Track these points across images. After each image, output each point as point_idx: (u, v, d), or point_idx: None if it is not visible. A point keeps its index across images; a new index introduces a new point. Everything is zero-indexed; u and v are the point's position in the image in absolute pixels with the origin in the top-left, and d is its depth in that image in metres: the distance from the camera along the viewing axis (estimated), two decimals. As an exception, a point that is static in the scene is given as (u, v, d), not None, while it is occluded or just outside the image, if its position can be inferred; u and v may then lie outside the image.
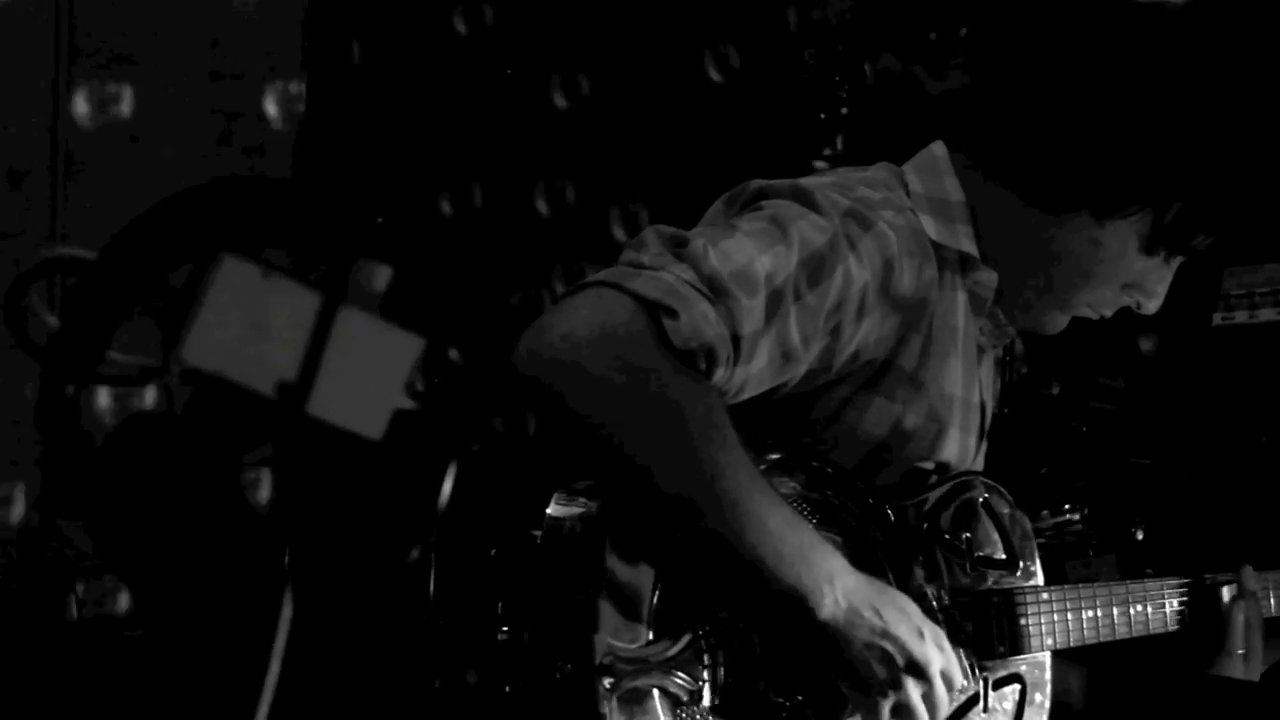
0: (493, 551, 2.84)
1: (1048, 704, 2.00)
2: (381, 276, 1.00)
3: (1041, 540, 4.11)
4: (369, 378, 0.96)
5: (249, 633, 0.98)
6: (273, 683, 0.92)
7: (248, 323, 0.89)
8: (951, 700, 1.81)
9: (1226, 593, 2.21)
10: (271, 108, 4.81)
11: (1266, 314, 3.00)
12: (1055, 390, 4.39)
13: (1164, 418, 3.97)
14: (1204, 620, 2.19)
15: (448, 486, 1.10)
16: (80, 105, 4.48)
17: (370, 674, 3.71)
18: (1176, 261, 1.98)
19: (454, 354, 1.12)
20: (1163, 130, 1.88)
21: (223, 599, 1.05)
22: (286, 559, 0.99)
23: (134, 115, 4.56)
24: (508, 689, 1.76)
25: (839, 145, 4.74)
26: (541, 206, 4.82)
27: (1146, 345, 3.71)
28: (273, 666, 0.91)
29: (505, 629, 1.79)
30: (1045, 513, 4.01)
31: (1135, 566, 3.52)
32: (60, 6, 4.42)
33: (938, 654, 1.77)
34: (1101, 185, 1.89)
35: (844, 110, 5.49)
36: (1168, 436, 3.99)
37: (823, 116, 5.27)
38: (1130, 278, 1.97)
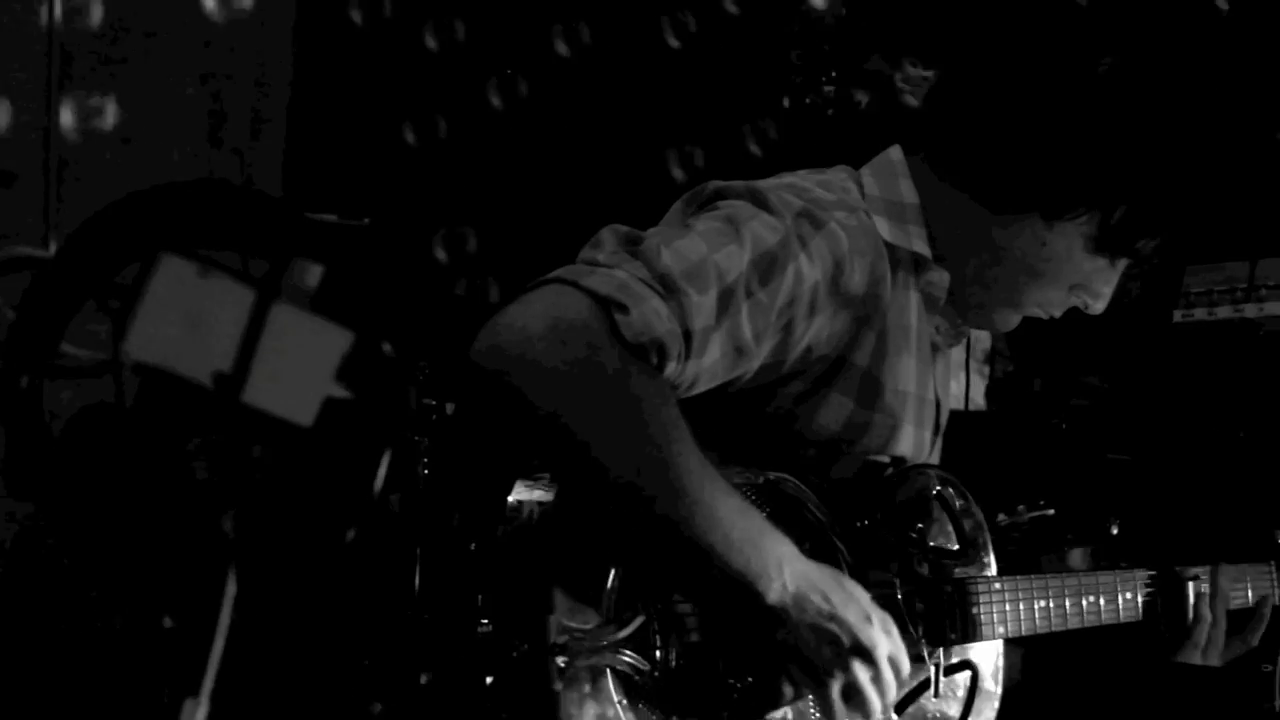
0: (472, 545, 2.90)
1: (999, 690, 2.05)
2: (314, 274, 1.05)
3: (1017, 534, 4.19)
4: (301, 369, 1.02)
5: (196, 611, 1.03)
6: (217, 657, 0.98)
7: (186, 317, 0.95)
8: (900, 685, 1.86)
9: (1193, 586, 2.26)
10: (262, 109, 4.86)
11: (1224, 311, 3.06)
12: (1037, 387, 4.45)
13: (1140, 414, 4.03)
14: (1169, 612, 2.25)
15: (382, 471, 1.16)
16: (72, 107, 4.53)
17: (356, 669, 3.76)
18: (1122, 263, 2.03)
19: (388, 347, 1.18)
20: (1109, 136, 1.94)
21: (171, 577, 1.11)
22: (229, 534, 1.04)
23: (125, 117, 4.61)
24: (475, 674, 1.81)
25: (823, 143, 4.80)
26: (532, 210, 4.87)
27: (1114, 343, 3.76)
28: (217, 642, 0.97)
29: (480, 619, 1.84)
30: (1021, 507, 4.07)
31: (1110, 560, 3.58)
32: (51, 9, 4.46)
33: (884, 638, 1.82)
34: (1050, 188, 1.95)
35: (830, 111, 5.55)
36: (1144, 433, 4.05)
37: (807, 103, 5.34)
38: (1078, 278, 2.02)
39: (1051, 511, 4.01)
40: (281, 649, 3.83)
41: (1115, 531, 3.97)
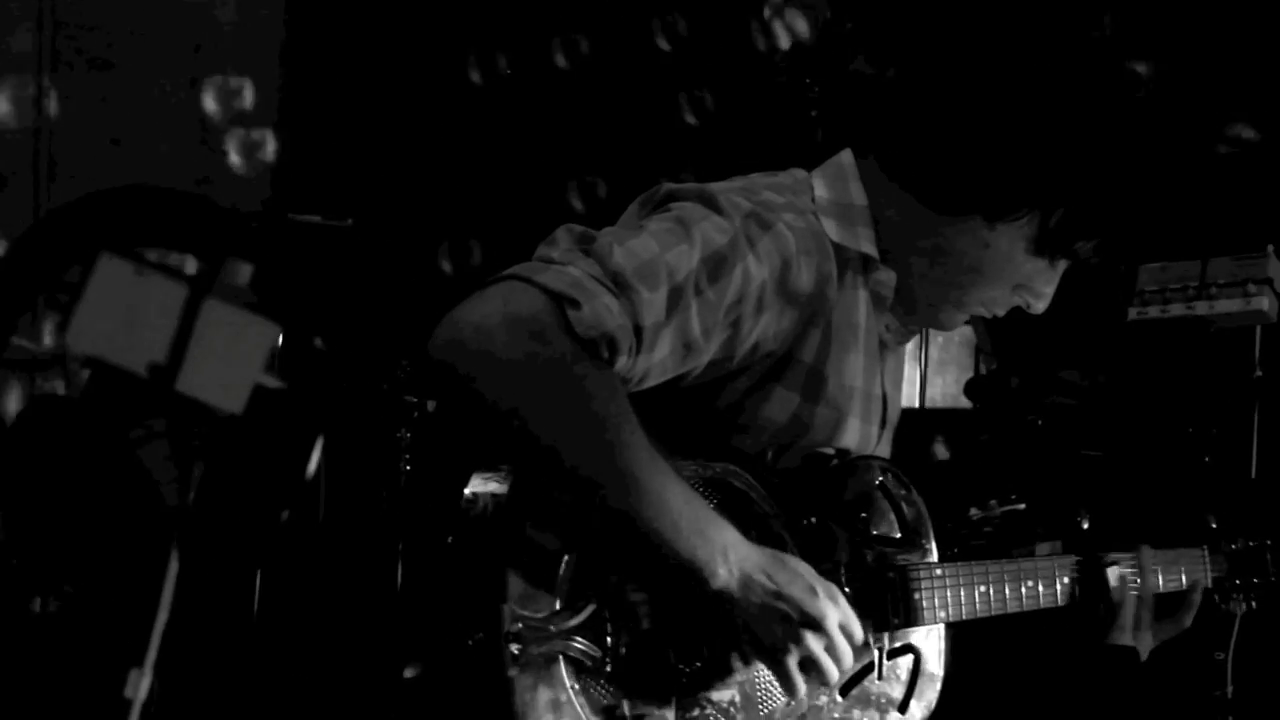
0: (449, 539, 2.97)
1: (940, 673, 2.13)
2: (244, 273, 1.13)
3: (989, 529, 4.28)
4: (231, 360, 1.09)
5: (143, 587, 1.10)
6: (160, 631, 1.05)
7: (123, 312, 1.02)
8: (855, 650, 1.93)
9: (1117, 571, 2.34)
10: (250, 112, 4.93)
11: (1176, 309, 3.13)
12: (1014, 384, 4.52)
13: (1111, 410, 4.11)
14: (1097, 596, 2.33)
15: (316, 457, 1.23)
16: (63, 109, 4.60)
17: (339, 664, 3.83)
18: (1062, 264, 2.11)
19: (319, 341, 1.25)
20: (1047, 142, 2.01)
21: (118, 558, 1.18)
22: (173, 513, 1.11)
23: (115, 119, 4.68)
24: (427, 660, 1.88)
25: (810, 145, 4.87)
26: (523, 210, 4.94)
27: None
28: (160, 616, 1.04)
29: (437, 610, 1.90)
30: (993, 502, 4.15)
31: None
32: (43, 12, 4.54)
33: (833, 608, 1.90)
34: (992, 191, 2.02)
35: (814, 112, 5.62)
36: (1116, 429, 4.13)
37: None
38: (1019, 278, 2.10)
39: (1023, 506, 4.09)
40: (272, 645, 3.91)
41: (1086, 526, 4.05)
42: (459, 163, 4.92)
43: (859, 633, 1.95)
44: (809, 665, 1.90)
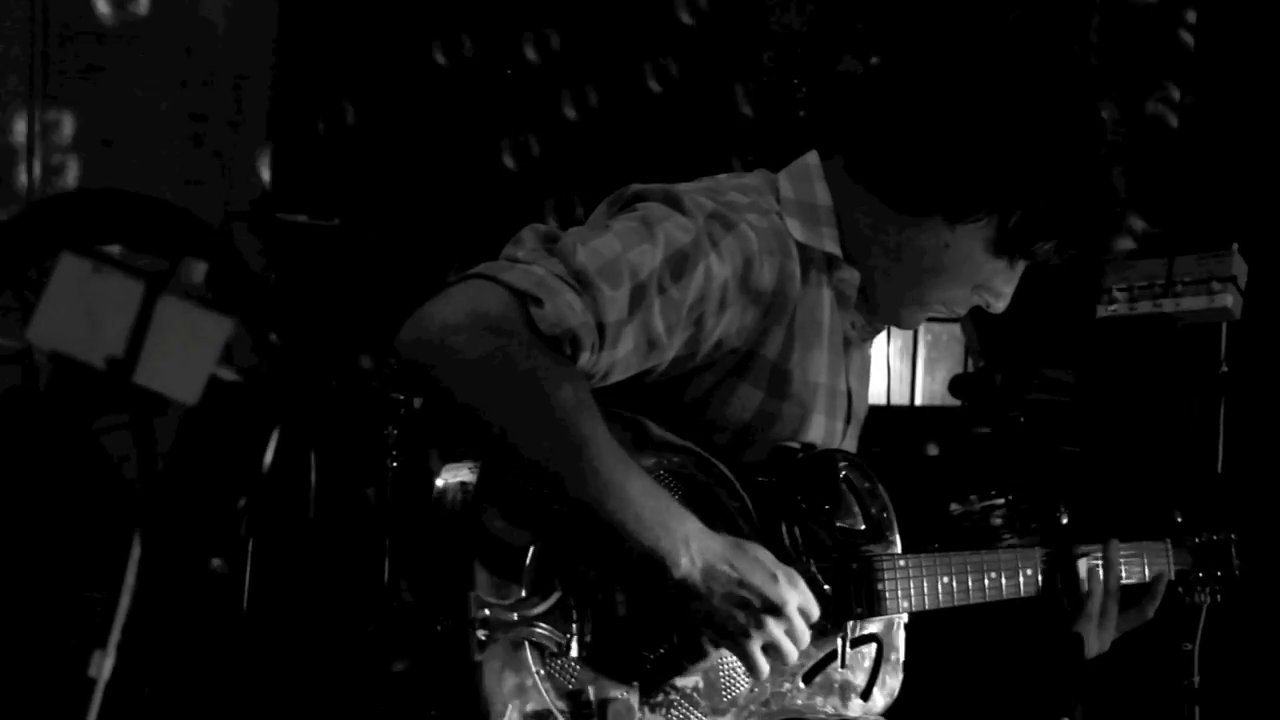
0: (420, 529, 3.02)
1: (902, 660, 2.18)
2: (199, 271, 1.17)
3: (968, 523, 4.33)
4: (185, 353, 1.14)
5: (107, 573, 1.15)
6: (122, 615, 1.09)
7: (82, 308, 1.06)
8: (813, 630, 1.98)
9: (1085, 563, 2.39)
10: (241, 113, 4.98)
11: (1144, 306, 3.18)
12: (998, 381, 4.57)
13: (1091, 408, 4.15)
14: (1064, 587, 2.38)
15: (271, 448, 1.28)
16: (55, 110, 4.64)
17: (326, 658, 3.88)
18: (1021, 265, 2.15)
19: (274, 336, 1.30)
20: (1006, 145, 2.05)
21: (83, 543, 1.22)
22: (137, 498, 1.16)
23: (107, 121, 4.73)
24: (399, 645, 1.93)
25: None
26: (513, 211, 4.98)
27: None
28: (123, 600, 1.08)
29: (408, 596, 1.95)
30: (973, 496, 4.20)
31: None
32: (35, 14, 4.58)
33: (793, 593, 1.95)
34: (952, 193, 2.07)
35: (802, 112, 5.67)
36: (1093, 426, 4.17)
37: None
38: (980, 278, 2.15)
39: (1002, 501, 4.14)
40: (260, 641, 3.96)
41: (1065, 521, 4.10)
42: (445, 164, 4.98)
43: (816, 611, 1.99)
44: (771, 649, 1.95)
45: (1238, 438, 3.18)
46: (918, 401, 6.50)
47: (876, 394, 6.42)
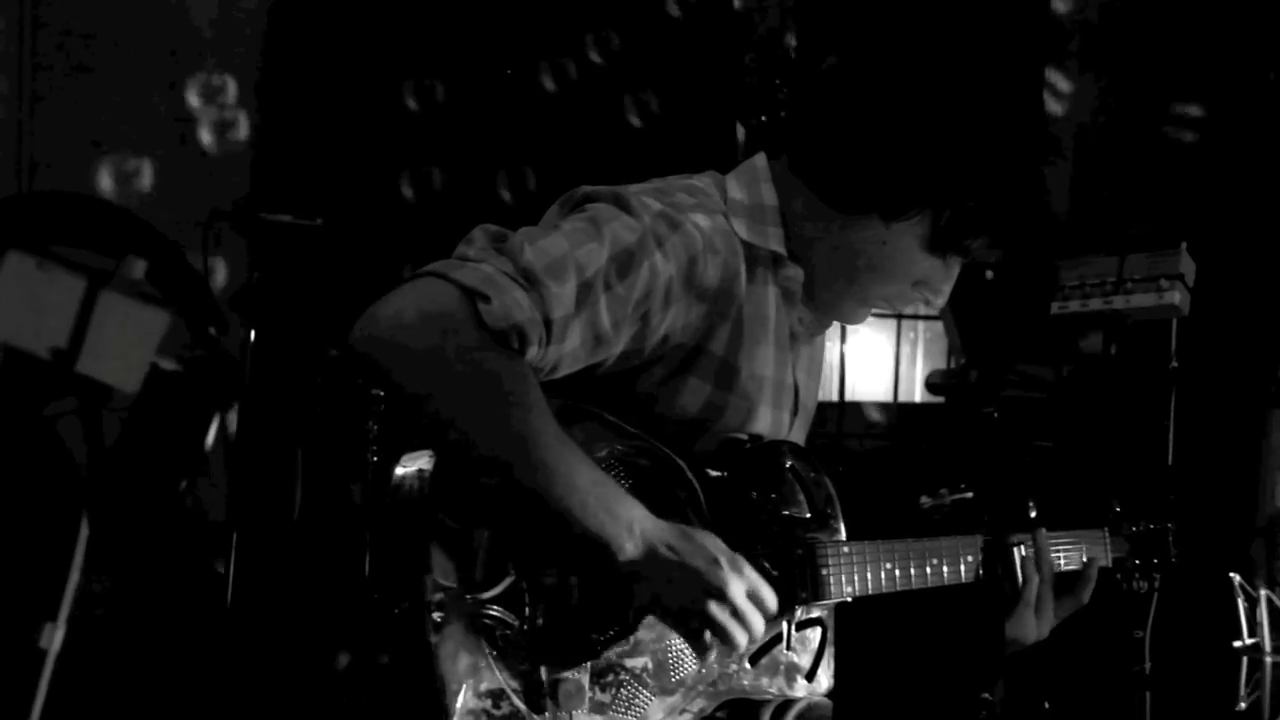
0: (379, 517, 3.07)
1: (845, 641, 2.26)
2: (139, 268, 1.25)
3: (938, 516, 4.40)
4: (124, 345, 1.21)
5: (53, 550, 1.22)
6: (72, 590, 1.17)
7: (27, 303, 1.14)
8: (766, 615, 2.05)
9: (1020, 551, 2.47)
10: (228, 115, 5.04)
11: (1095, 303, 3.26)
12: (973, 378, 4.65)
13: (1061, 404, 4.23)
14: (1001, 575, 2.45)
15: (213, 431, 1.36)
16: (43, 112, 4.71)
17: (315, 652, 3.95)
18: (958, 262, 2.23)
19: (213, 330, 1.38)
20: (936, 143, 2.13)
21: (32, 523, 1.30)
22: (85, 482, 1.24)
23: (95, 121, 4.80)
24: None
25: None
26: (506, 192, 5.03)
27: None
28: (72, 576, 1.16)
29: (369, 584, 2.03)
30: (943, 490, 4.28)
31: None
32: (24, 16, 4.65)
33: (737, 578, 2.01)
34: (886, 191, 2.15)
35: (783, 113, 5.72)
36: (1060, 421, 4.25)
37: (763, 119, 5.52)
38: (917, 275, 2.22)
39: (970, 494, 4.22)
40: (245, 636, 4.03)
41: (1034, 515, 4.19)
42: (429, 166, 5.05)
43: (770, 598, 2.06)
44: (717, 632, 2.02)
45: (1187, 430, 3.26)
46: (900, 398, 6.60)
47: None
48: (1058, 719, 3.41)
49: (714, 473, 2.17)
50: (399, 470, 2.00)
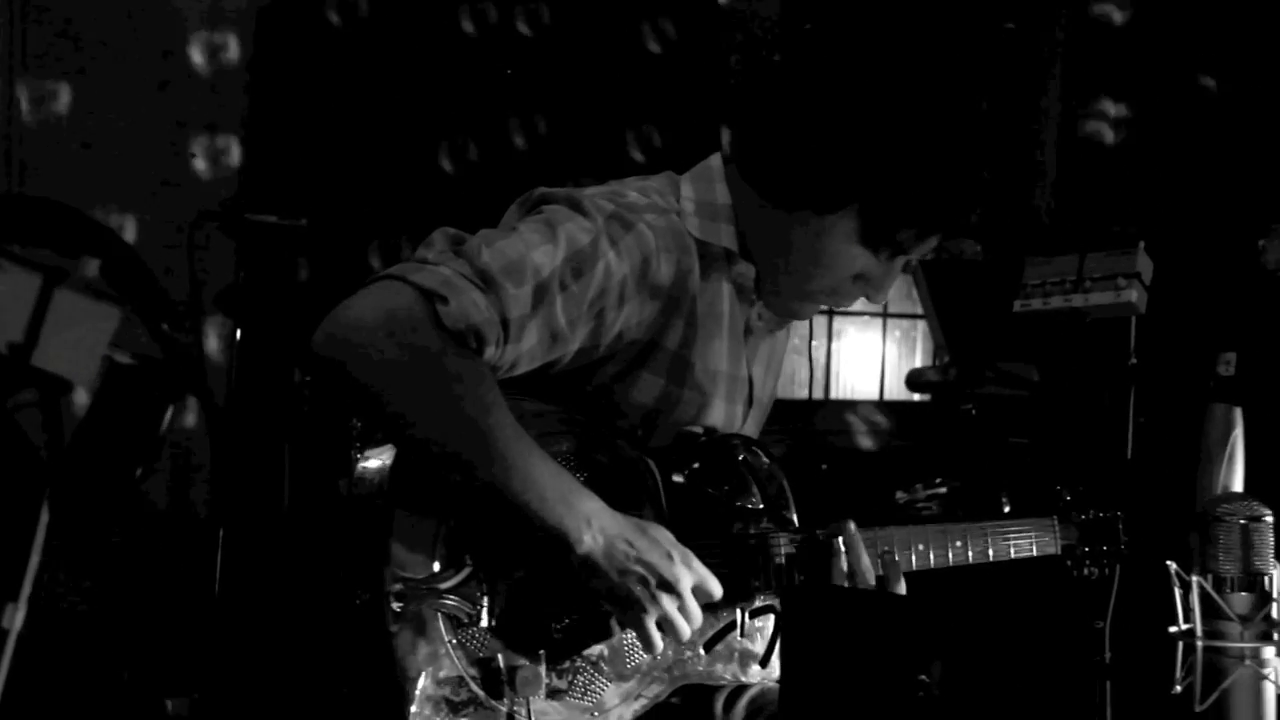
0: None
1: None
2: (93, 266, 1.32)
3: (914, 510, 4.46)
4: (78, 340, 1.28)
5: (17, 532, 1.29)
6: (33, 571, 1.24)
7: None
8: (711, 609, 2.11)
9: (833, 545, 2.47)
10: (218, 116, 5.09)
11: (1056, 302, 3.32)
12: (951, 376, 4.71)
13: (1038, 402, 4.29)
14: (814, 569, 2.46)
15: (167, 418, 1.43)
16: (33, 113, 4.75)
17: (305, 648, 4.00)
18: (899, 259, 2.28)
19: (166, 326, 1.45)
20: (860, 140, 2.16)
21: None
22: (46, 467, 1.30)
23: (86, 122, 4.85)
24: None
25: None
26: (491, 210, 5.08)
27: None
28: (33, 559, 1.23)
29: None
30: (919, 485, 4.34)
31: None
32: (14, 16, 4.69)
33: (687, 572, 2.08)
34: (814, 185, 2.19)
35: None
36: (1035, 419, 4.31)
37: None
38: (855, 269, 2.26)
39: (945, 490, 4.28)
40: (232, 631, 4.10)
41: (1008, 510, 4.26)
42: (425, 165, 5.10)
43: (717, 591, 2.12)
44: (664, 624, 2.09)
45: (1147, 425, 3.32)
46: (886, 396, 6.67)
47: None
48: (1019, 709, 3.48)
49: (669, 466, 2.22)
50: (361, 463, 2.06)
